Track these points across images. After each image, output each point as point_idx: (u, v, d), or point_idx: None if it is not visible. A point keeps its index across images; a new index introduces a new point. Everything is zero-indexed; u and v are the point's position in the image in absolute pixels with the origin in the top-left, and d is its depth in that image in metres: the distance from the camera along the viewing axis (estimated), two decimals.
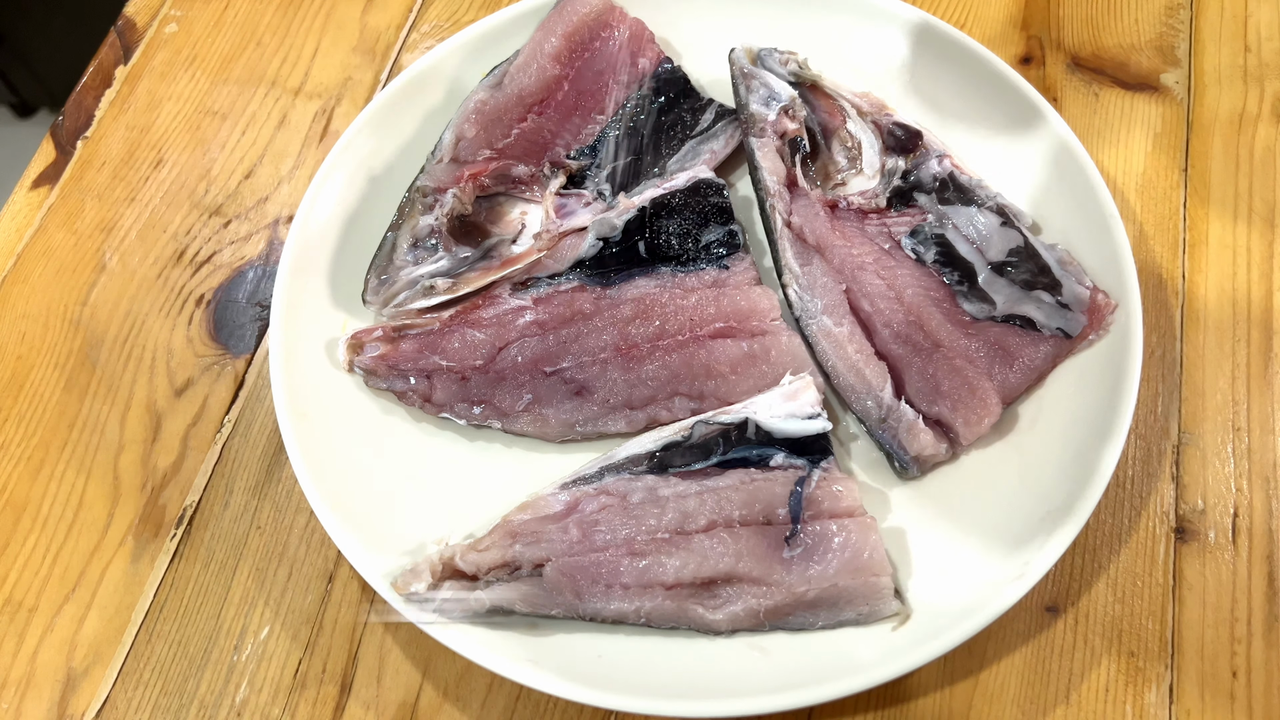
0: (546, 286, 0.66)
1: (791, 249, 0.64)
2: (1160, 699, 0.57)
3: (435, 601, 0.56)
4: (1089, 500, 0.56)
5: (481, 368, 0.64)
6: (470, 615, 0.57)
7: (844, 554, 0.56)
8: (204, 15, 0.84)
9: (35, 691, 0.61)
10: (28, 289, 0.73)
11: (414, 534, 0.60)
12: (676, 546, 0.57)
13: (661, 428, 0.61)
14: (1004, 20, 0.78)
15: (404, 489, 0.62)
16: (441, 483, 0.63)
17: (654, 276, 0.65)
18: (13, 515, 0.66)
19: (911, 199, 0.66)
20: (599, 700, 0.54)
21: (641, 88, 0.71)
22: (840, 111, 0.69)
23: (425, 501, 0.62)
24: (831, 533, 0.56)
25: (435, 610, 0.56)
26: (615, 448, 0.61)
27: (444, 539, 0.60)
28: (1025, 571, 0.55)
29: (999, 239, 0.63)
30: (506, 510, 0.60)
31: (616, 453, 0.60)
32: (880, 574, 0.55)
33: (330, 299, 0.67)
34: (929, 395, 0.60)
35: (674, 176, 0.67)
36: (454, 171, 0.68)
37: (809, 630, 0.56)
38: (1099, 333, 0.61)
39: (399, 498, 0.62)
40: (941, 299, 0.63)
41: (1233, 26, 0.76)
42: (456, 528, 0.61)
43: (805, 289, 0.64)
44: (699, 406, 0.62)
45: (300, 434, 0.61)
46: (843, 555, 0.56)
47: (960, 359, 0.61)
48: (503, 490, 0.62)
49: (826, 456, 0.59)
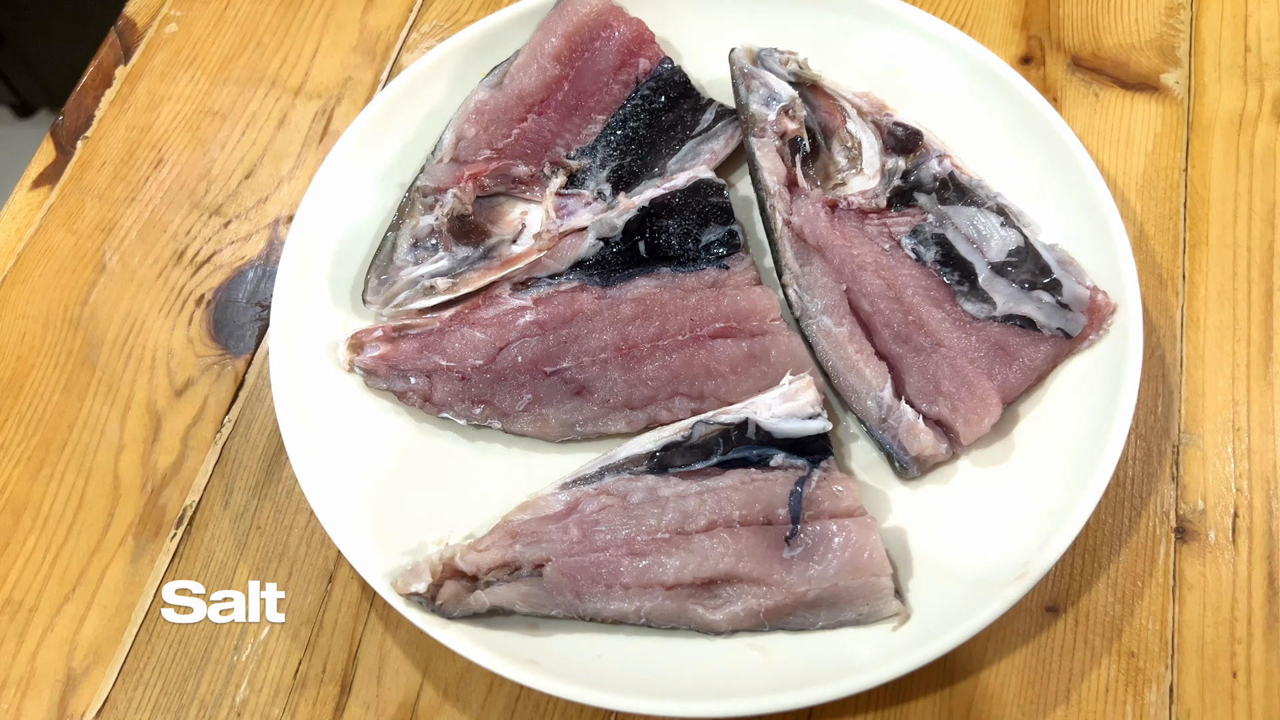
0: (547, 286, 0.66)
1: (791, 249, 0.64)
2: (1160, 699, 0.57)
3: (435, 602, 0.56)
4: (1089, 500, 0.56)
5: (481, 367, 0.64)
6: (470, 615, 0.57)
7: (844, 554, 0.56)
8: (204, 15, 0.84)
9: (35, 691, 0.61)
10: (28, 289, 0.73)
11: (414, 534, 0.60)
12: (676, 546, 0.57)
13: (661, 428, 0.61)
14: (1004, 20, 0.78)
15: (404, 489, 0.62)
16: (441, 483, 0.63)
17: (654, 276, 0.65)
18: (13, 515, 0.66)
19: (912, 199, 0.66)
20: (599, 700, 0.54)
21: (641, 88, 0.71)
22: (840, 111, 0.69)
23: (425, 501, 0.62)
24: (831, 533, 0.56)
25: (434, 611, 0.56)
26: (615, 448, 0.61)
27: (444, 539, 0.60)
28: (1025, 572, 0.55)
29: (999, 239, 0.63)
30: (506, 510, 0.60)
31: (616, 453, 0.60)
32: (880, 574, 0.55)
33: (331, 299, 0.67)
34: (929, 395, 0.60)
35: (674, 176, 0.67)
36: (454, 171, 0.68)
37: (809, 630, 0.56)
38: (1099, 333, 0.61)
39: (399, 497, 0.62)
40: (942, 299, 0.63)
41: (1233, 26, 0.76)
42: (456, 528, 0.61)
43: (805, 289, 0.64)
44: (699, 406, 0.62)
45: (301, 434, 0.61)
46: (843, 555, 0.56)
47: (960, 359, 0.61)
48: (503, 490, 0.62)
49: (826, 456, 0.59)
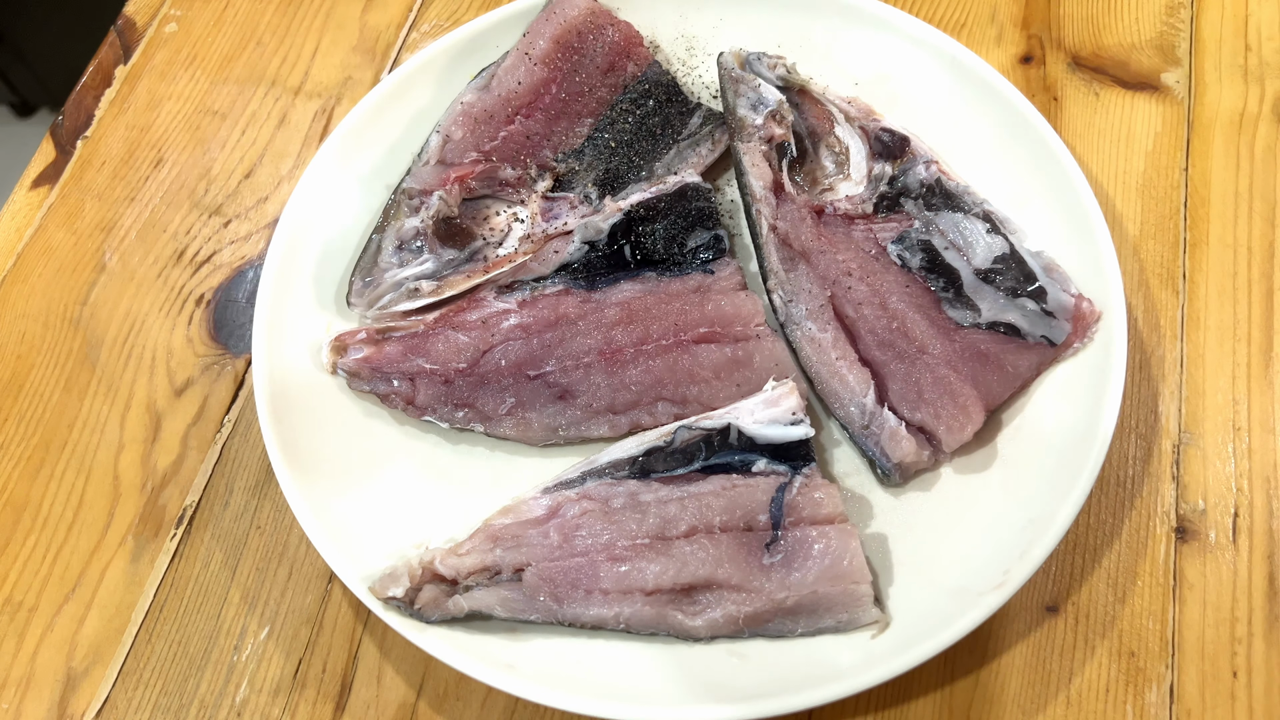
0: (531, 290, 0.66)
1: (777, 254, 0.64)
2: (1161, 698, 0.57)
3: (413, 606, 0.56)
4: (1070, 509, 0.55)
5: (465, 370, 0.64)
6: (449, 620, 0.57)
7: (824, 561, 0.56)
8: (204, 15, 0.84)
9: (35, 691, 0.61)
10: (28, 289, 0.73)
11: (395, 537, 0.61)
12: (657, 552, 0.57)
13: (644, 433, 0.61)
14: (1005, 19, 0.78)
15: (386, 492, 0.63)
16: (423, 486, 0.63)
17: (639, 280, 0.65)
18: (13, 515, 0.66)
19: (898, 205, 0.66)
20: (577, 706, 0.54)
21: (629, 91, 0.71)
22: (828, 116, 0.69)
23: (407, 505, 0.62)
24: (812, 539, 0.56)
25: (412, 615, 0.56)
26: (597, 452, 0.61)
27: (424, 543, 0.60)
28: (1005, 580, 0.55)
29: (984, 246, 0.63)
30: (488, 514, 0.60)
31: (599, 457, 0.60)
32: (859, 581, 0.55)
33: (315, 300, 0.67)
34: (912, 402, 0.60)
35: (661, 180, 0.67)
36: (440, 174, 0.68)
37: (788, 637, 0.56)
38: (1084, 340, 0.60)
39: (380, 501, 0.62)
40: (926, 305, 0.63)
41: (1233, 26, 0.76)
42: (438, 531, 0.61)
43: (790, 294, 0.64)
44: (682, 411, 0.62)
45: (282, 436, 0.61)
46: (822, 562, 0.56)
47: (944, 366, 0.61)
48: (484, 494, 0.62)
49: (809, 463, 0.58)
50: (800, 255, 0.64)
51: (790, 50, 0.71)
